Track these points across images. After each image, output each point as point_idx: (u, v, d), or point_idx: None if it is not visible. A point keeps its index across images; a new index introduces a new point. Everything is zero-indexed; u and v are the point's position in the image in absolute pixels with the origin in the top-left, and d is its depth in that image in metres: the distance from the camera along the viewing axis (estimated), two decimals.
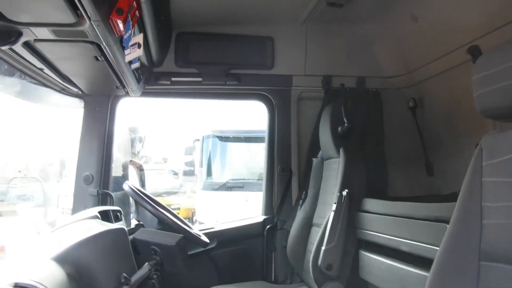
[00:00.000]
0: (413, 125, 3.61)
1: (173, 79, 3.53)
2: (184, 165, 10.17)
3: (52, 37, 2.17)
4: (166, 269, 2.62)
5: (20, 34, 2.13)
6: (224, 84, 3.59)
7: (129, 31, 2.13)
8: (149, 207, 2.71)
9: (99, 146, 3.38)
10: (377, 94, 3.72)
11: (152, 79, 3.49)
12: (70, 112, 3.94)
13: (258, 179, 8.97)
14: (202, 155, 9.44)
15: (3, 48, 2.20)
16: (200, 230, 3.43)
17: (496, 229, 1.45)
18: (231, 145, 9.34)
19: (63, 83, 3.04)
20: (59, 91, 3.29)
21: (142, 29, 2.47)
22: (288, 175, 3.68)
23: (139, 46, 2.26)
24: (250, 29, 3.58)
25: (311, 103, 3.72)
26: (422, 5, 3.00)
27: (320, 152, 3.44)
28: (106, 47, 2.24)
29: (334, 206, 2.84)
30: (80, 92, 3.32)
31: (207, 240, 2.92)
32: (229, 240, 3.55)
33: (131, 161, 4.31)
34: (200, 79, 3.55)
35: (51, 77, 2.88)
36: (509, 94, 1.43)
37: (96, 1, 1.86)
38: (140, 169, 4.28)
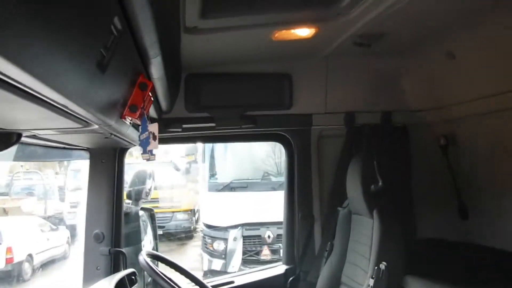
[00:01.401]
0: (443, 163, 3.31)
1: (184, 126, 3.21)
2: (187, 165, 9.93)
3: (55, 132, 1.85)
4: None
5: (19, 136, 1.80)
6: (239, 128, 3.26)
7: (146, 133, 1.80)
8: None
9: (108, 201, 3.08)
10: (404, 129, 3.40)
11: (162, 127, 3.15)
12: None
13: (261, 179, 8.74)
14: (205, 155, 9.16)
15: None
16: (220, 286, 3.18)
17: None
18: (234, 144, 9.03)
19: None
20: (62, 147, 2.96)
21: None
22: (310, 222, 3.41)
23: (154, 138, 1.93)
24: (266, 66, 3.26)
25: (333, 142, 3.44)
26: (461, 44, 2.69)
27: (347, 202, 3.14)
28: None
29: (371, 281, 2.57)
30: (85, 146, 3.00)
31: None
32: None
33: (141, 208, 4.02)
34: (213, 124, 3.22)
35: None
36: None
37: (106, 109, 1.52)
38: (151, 214, 4.00)
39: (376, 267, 2.58)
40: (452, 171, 3.29)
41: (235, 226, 8.11)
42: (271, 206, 7.60)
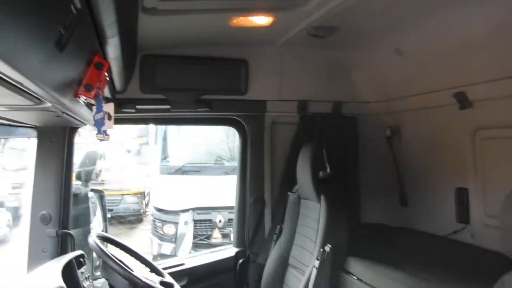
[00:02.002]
0: (388, 153, 3.49)
1: (138, 106, 3.20)
2: (139, 146, 9.79)
3: (4, 109, 1.82)
4: None
5: None
6: (194, 111, 3.28)
7: (100, 113, 1.82)
8: (118, 269, 2.45)
9: (56, 181, 3.02)
10: (353, 120, 3.54)
11: (115, 107, 3.12)
12: None
13: (214, 163, 8.74)
14: (157, 137, 9.07)
15: None
16: (170, 267, 3.23)
17: None
18: (187, 127, 8.97)
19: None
20: (8, 124, 2.89)
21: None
22: (261, 206, 3.49)
23: (109, 118, 1.94)
24: (223, 51, 3.29)
25: (286, 129, 3.53)
26: (408, 42, 2.82)
27: (297, 187, 3.25)
28: None
29: (316, 263, 2.69)
30: (33, 124, 2.94)
31: None
32: (200, 277, 3.36)
33: (91, 189, 3.98)
34: (168, 106, 3.23)
35: None
36: None
37: (61, 88, 1.52)
38: (101, 195, 3.97)
39: (321, 249, 2.70)
40: (395, 161, 3.47)
41: (186, 210, 8.08)
42: (223, 191, 7.63)
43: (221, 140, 8.83)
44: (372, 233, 3.41)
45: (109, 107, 1.96)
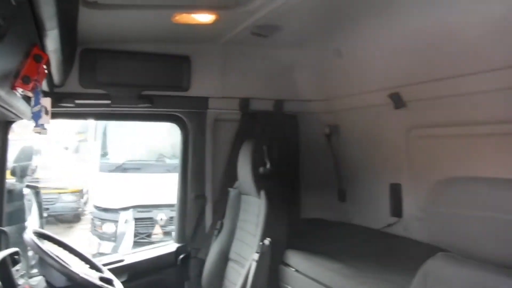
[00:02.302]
0: (327, 151, 3.62)
1: (77, 101, 3.15)
2: (78, 143, 9.51)
3: None
4: None
5: None
6: (136, 107, 3.27)
7: (38, 106, 1.80)
8: (56, 265, 2.42)
9: None
10: (294, 118, 3.65)
11: (54, 101, 3.06)
12: None
13: (156, 161, 8.64)
14: (96, 134, 8.86)
15: None
16: (110, 264, 3.20)
17: None
18: (128, 124, 8.80)
19: None
20: None
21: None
22: (202, 202, 3.53)
23: (46, 112, 1.92)
24: (166, 47, 3.29)
25: (228, 126, 3.59)
26: (348, 43, 2.96)
27: (238, 182, 3.32)
28: None
29: (256, 256, 2.77)
30: None
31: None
32: (141, 272, 3.35)
33: (27, 186, 3.86)
34: (108, 101, 3.20)
35: None
36: (465, 239, 1.40)
37: None
38: (37, 191, 3.86)
39: (261, 243, 2.78)
40: (334, 158, 3.61)
41: (127, 208, 7.93)
42: (165, 189, 7.56)
43: (162, 138, 8.74)
44: (311, 227, 3.53)
45: (46, 101, 1.94)
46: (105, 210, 8.13)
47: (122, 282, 3.17)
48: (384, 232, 3.19)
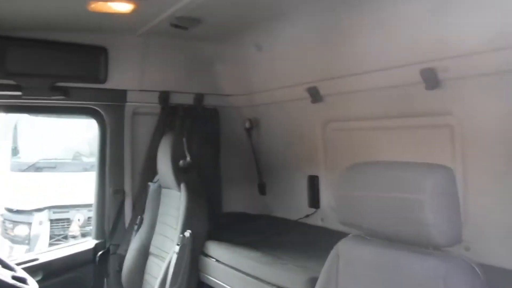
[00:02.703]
0: (248, 145, 3.70)
1: None
2: None
3: None
4: None
5: None
6: (49, 99, 3.16)
7: None
8: None
9: None
10: (215, 112, 3.69)
11: None
12: None
13: (72, 159, 8.34)
14: (6, 130, 8.39)
15: None
16: (24, 263, 3.08)
17: None
18: (41, 118, 8.41)
19: None
20: None
21: None
22: (121, 197, 3.48)
23: None
24: (81, 37, 3.20)
25: (147, 120, 3.56)
26: (268, 38, 3.05)
27: (158, 176, 3.31)
28: None
29: (176, 248, 2.80)
30: None
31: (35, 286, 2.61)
32: (57, 271, 3.24)
33: None
34: (19, 93, 3.06)
35: None
36: (367, 218, 1.53)
37: None
38: None
39: (181, 235, 2.81)
40: (254, 152, 3.70)
41: (41, 209, 7.59)
42: (83, 188, 7.32)
43: (79, 135, 8.46)
44: (231, 220, 3.60)
45: None
46: (17, 211, 7.72)
47: (37, 281, 3.06)
48: (302, 223, 3.33)
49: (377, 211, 1.51)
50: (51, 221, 7.69)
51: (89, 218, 7.62)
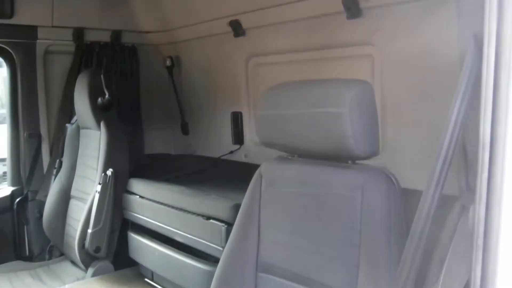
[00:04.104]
0: (169, 84, 3.72)
1: None
2: None
3: None
4: None
5: None
6: None
7: None
8: None
9: None
10: (133, 50, 3.67)
11: None
12: None
13: None
14: None
15: None
16: None
17: (270, 247, 1.72)
18: None
19: None
20: None
21: None
22: (37, 141, 3.42)
23: None
24: None
25: (61, 59, 3.47)
26: None
27: (75, 118, 3.28)
28: None
29: (98, 187, 2.84)
30: None
31: None
32: None
33: None
34: None
35: None
36: (289, 136, 1.64)
37: None
38: None
39: (103, 174, 2.84)
40: (176, 91, 3.73)
41: None
42: None
43: None
44: (154, 161, 3.65)
45: None
46: None
47: None
48: (226, 160, 3.43)
49: (298, 128, 1.59)
50: None
51: (4, 173, 7.34)
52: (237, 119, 3.36)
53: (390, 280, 1.25)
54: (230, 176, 3.03)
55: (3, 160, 6.95)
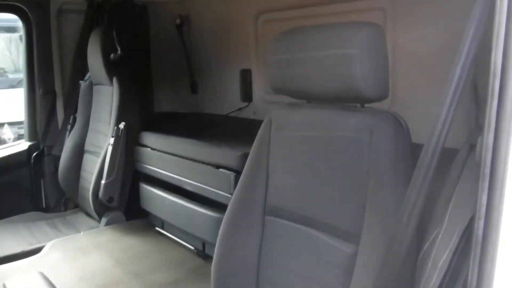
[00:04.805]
0: (179, 42, 3.67)
1: None
2: None
3: None
4: None
5: None
6: None
7: None
8: None
9: None
10: (144, 8, 3.61)
11: None
12: None
13: None
14: None
15: None
16: None
17: (278, 190, 1.73)
18: None
19: None
20: None
21: None
22: (52, 97, 3.46)
23: None
24: None
25: (74, 17, 3.52)
26: None
27: (88, 74, 3.27)
28: None
29: (111, 140, 2.88)
30: None
31: None
32: None
33: None
34: None
35: None
36: (300, 80, 1.60)
37: None
38: None
39: (116, 127, 2.85)
40: (185, 50, 3.69)
41: None
42: (11, 105, 7.04)
43: (2, 51, 8.03)
44: (163, 118, 3.64)
45: None
46: None
47: None
48: (235, 117, 3.42)
49: (309, 71, 1.60)
50: None
51: (19, 135, 7.41)
52: (245, 77, 3.33)
53: (396, 221, 1.24)
54: (239, 131, 3.03)
55: (19, 123, 7.00)
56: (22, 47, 3.50)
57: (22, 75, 3.47)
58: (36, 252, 2.57)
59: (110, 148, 2.87)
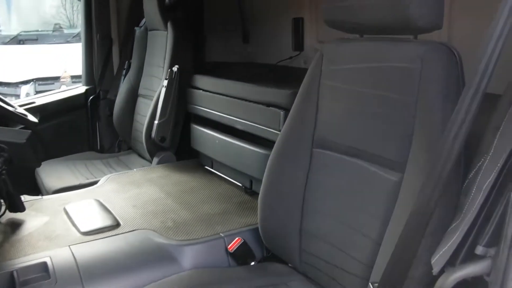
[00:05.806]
0: None
1: None
2: None
3: None
4: (16, 163, 2.44)
5: None
6: None
7: None
8: None
9: None
10: None
11: None
12: None
13: (53, 31, 8.24)
14: None
15: None
16: (21, 106, 3.22)
17: (326, 124, 1.77)
18: None
19: None
20: None
21: None
22: (108, 43, 3.59)
23: None
24: None
25: None
26: None
27: (143, 21, 3.36)
28: None
29: (165, 82, 2.96)
30: None
31: (35, 119, 2.79)
32: (52, 113, 3.45)
33: None
34: None
35: None
36: (353, 12, 1.61)
37: None
38: None
39: (169, 70, 2.93)
40: None
41: (27, 82, 7.64)
42: (66, 60, 7.30)
43: (57, 9, 8.30)
44: (215, 67, 3.69)
45: None
46: (4, 84, 7.76)
47: (35, 123, 3.24)
48: (285, 66, 3.43)
49: (362, 2, 1.59)
50: (37, 93, 7.75)
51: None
52: (298, 25, 3.31)
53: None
54: (290, 77, 3.04)
55: (75, 76, 7.23)
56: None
57: (76, 31, 3.62)
58: (92, 185, 2.73)
59: (163, 90, 2.96)
